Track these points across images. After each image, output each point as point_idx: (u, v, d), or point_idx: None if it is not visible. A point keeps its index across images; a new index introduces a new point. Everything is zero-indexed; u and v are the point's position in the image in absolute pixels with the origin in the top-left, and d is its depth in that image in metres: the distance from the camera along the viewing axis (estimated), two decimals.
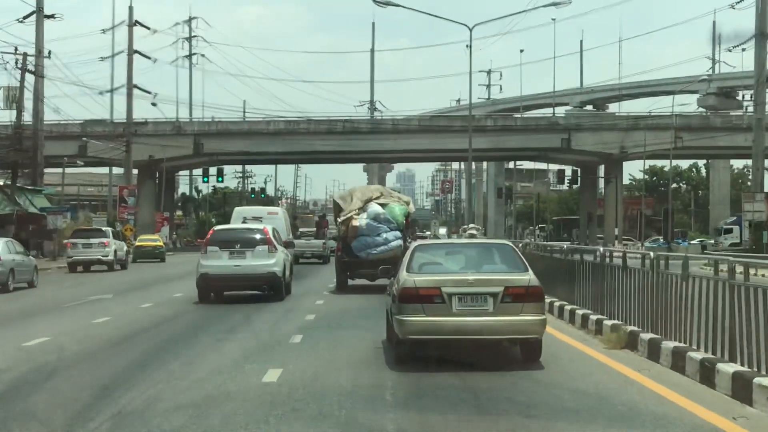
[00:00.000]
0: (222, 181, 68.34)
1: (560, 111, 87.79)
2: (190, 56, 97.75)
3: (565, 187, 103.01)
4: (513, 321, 11.42)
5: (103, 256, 37.19)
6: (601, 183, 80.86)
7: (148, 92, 57.43)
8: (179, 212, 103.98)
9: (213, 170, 70.47)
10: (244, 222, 29.91)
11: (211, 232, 23.56)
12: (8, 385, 10.81)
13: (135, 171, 70.72)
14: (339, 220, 25.99)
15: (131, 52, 55.94)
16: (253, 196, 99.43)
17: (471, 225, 28.57)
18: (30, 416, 9.01)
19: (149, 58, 58.79)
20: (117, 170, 75.03)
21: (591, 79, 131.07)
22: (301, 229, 51.88)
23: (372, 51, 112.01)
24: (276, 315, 18.86)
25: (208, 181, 72.43)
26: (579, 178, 79.04)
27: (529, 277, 11.68)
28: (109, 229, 41.19)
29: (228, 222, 33.86)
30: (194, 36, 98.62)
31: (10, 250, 27.49)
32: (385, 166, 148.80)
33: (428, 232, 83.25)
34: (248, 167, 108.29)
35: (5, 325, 17.77)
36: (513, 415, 8.86)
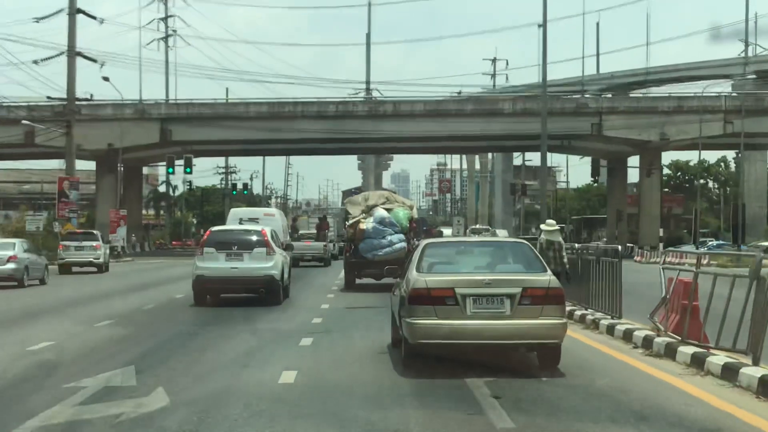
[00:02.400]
0: (190, 172, 58.13)
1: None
2: (166, 38, 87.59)
3: (580, 184, 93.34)
4: (532, 325, 10.64)
5: (94, 259, 38.35)
6: (630, 177, 71.56)
7: (94, 60, 47.26)
8: (151, 211, 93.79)
9: (181, 162, 60.02)
10: (240, 223, 29.69)
11: (208, 233, 23.22)
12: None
13: (93, 163, 61.44)
14: (348, 223, 27.71)
15: (74, 11, 45.61)
16: (234, 193, 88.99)
17: (548, 221, 20.25)
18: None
19: (95, 18, 48.61)
20: (82, 164, 64.72)
21: (608, 68, 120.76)
22: (301, 231, 49.14)
23: (368, 35, 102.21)
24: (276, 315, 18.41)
25: (173, 172, 62.12)
26: (604, 170, 69.54)
27: (549, 278, 10.96)
28: (99, 233, 41.41)
29: (209, 223, 28.21)
30: (170, 16, 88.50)
31: (24, 249, 29.50)
32: (382, 163, 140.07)
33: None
34: (232, 161, 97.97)
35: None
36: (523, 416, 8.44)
